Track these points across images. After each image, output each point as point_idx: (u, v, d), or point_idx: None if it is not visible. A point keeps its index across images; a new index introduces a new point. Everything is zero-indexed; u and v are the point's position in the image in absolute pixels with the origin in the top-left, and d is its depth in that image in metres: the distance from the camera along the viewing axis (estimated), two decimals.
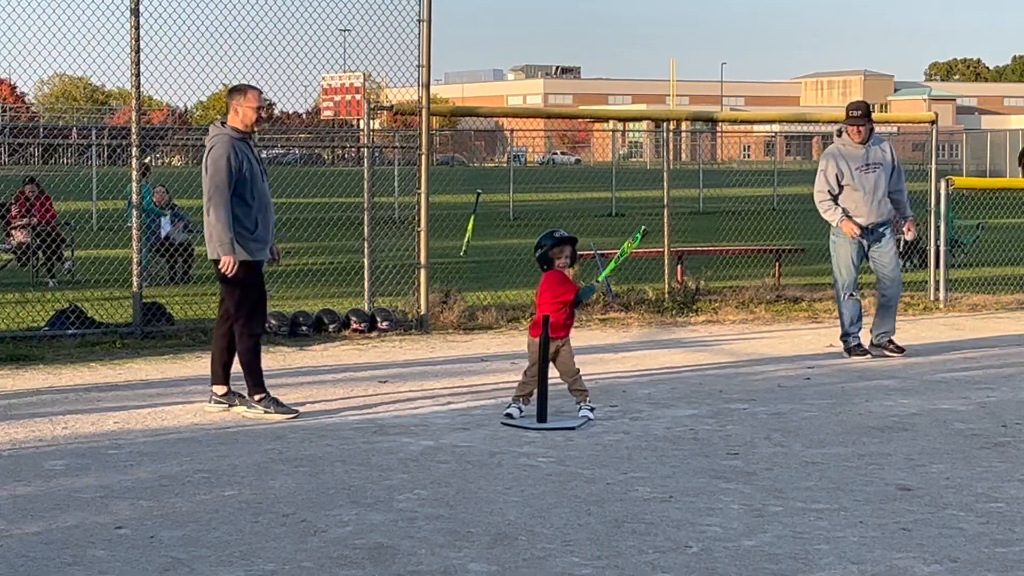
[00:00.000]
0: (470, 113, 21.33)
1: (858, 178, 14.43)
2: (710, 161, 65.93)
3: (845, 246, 14.53)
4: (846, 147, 14.57)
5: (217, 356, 11.42)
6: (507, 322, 16.57)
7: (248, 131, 11.29)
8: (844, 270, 14.57)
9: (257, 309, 11.43)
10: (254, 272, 11.30)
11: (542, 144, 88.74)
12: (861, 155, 14.49)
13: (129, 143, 15.73)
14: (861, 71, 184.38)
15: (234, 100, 11.28)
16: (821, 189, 14.56)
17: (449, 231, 26.34)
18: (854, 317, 14.54)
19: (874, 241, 14.58)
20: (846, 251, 14.53)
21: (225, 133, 11.15)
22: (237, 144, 11.09)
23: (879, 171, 14.48)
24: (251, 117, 11.24)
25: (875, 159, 14.50)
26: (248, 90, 11.36)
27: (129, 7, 14.88)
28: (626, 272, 20.50)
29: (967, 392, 12.42)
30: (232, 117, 11.26)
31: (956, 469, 9.36)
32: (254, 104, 11.26)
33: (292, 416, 10.98)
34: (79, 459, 9.57)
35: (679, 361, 14.23)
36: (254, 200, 11.09)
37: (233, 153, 10.99)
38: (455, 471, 9.25)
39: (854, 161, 14.46)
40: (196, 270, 22.30)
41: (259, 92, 11.43)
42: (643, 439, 10.32)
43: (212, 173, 10.93)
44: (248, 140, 11.31)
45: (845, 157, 14.50)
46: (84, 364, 13.78)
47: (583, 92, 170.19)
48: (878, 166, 14.49)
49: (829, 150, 14.80)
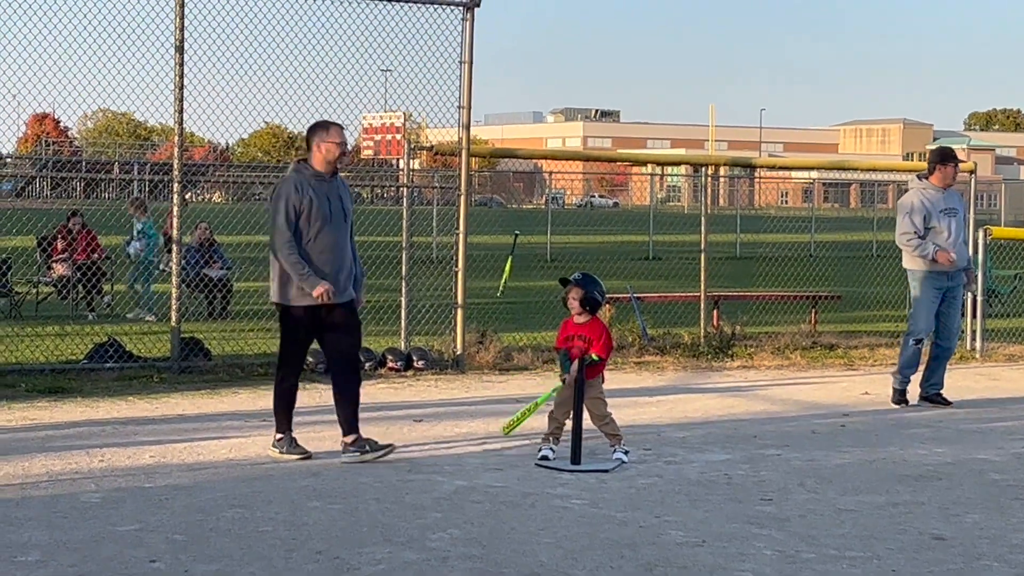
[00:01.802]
0: (509, 154, 21.43)
1: (944, 223, 14.42)
2: (748, 206, 65.88)
3: (929, 289, 14.44)
4: (927, 191, 14.54)
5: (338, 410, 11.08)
6: (543, 363, 16.59)
7: (329, 170, 10.92)
8: (924, 314, 14.45)
9: (294, 355, 11.14)
10: (299, 317, 10.86)
11: (580, 187, 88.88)
12: (942, 199, 14.50)
13: (171, 179, 15.84)
14: (900, 119, 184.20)
15: (316, 137, 10.93)
16: (907, 231, 14.45)
17: (486, 271, 26.41)
18: (912, 361, 14.48)
19: (950, 288, 14.52)
20: (930, 294, 14.43)
21: (294, 172, 10.88)
22: (307, 183, 10.75)
23: (958, 216, 14.51)
24: (334, 153, 10.89)
25: (953, 204, 14.52)
26: (330, 126, 11.04)
27: (174, 44, 15.00)
28: (662, 316, 20.54)
29: (1002, 442, 12.38)
30: (314, 155, 10.93)
31: (991, 519, 9.33)
32: (336, 140, 10.91)
33: (305, 456, 10.88)
34: (115, 492, 9.63)
35: (714, 406, 14.22)
36: (315, 241, 10.74)
37: (295, 192, 10.68)
38: (488, 511, 9.27)
39: (937, 205, 14.45)
40: (234, 306, 22.39)
41: (341, 128, 11.10)
42: (677, 483, 10.32)
43: (272, 216, 10.74)
44: (328, 179, 10.91)
45: (930, 200, 14.48)
46: (121, 398, 13.85)
47: (622, 135, 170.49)
48: (956, 211, 14.52)
49: (910, 195, 14.66)
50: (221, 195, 61.53)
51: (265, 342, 17.56)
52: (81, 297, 22.56)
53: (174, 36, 15.02)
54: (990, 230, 19.87)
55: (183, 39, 15.02)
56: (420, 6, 16.26)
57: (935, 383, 14.62)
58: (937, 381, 14.63)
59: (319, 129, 11.01)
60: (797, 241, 45.52)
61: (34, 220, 30.46)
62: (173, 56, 15.05)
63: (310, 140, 10.97)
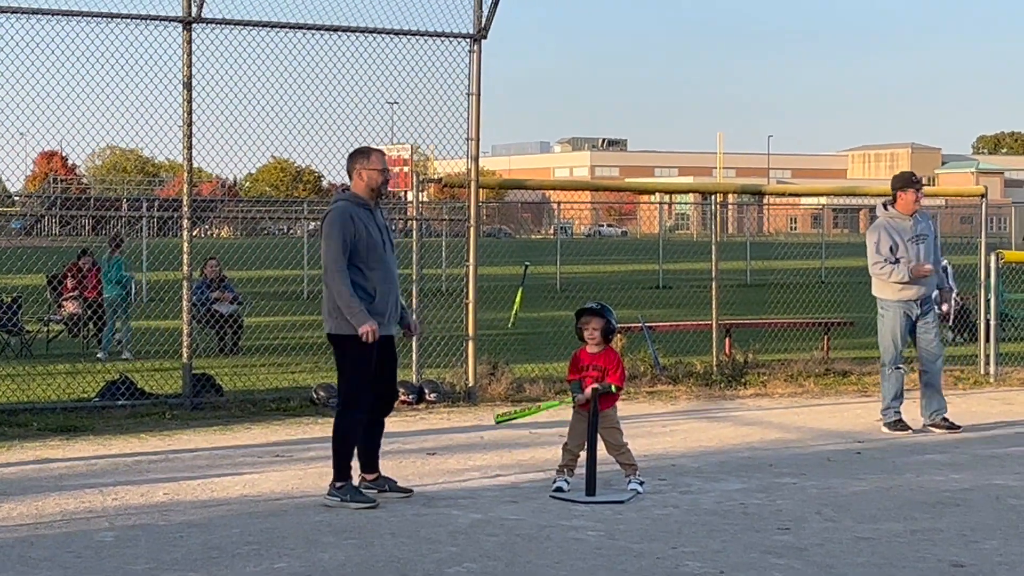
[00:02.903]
0: (518, 186, 21.47)
1: (911, 250, 14.42)
2: (757, 233, 65.88)
3: (895, 319, 14.50)
4: (894, 219, 14.57)
5: (360, 444, 10.79)
6: (555, 394, 16.52)
7: (373, 197, 10.72)
8: (892, 342, 14.52)
9: (365, 389, 10.67)
10: (366, 347, 10.56)
11: (589, 216, 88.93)
12: (909, 226, 14.51)
13: (180, 215, 15.84)
14: (908, 144, 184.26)
15: (357, 164, 10.70)
16: (876, 260, 14.52)
17: (497, 303, 26.38)
18: (898, 391, 14.48)
19: (921, 316, 14.54)
20: (896, 324, 14.50)
21: (342, 200, 10.67)
22: (356, 211, 10.55)
23: (927, 242, 14.49)
24: (377, 180, 10.68)
25: (922, 231, 14.52)
26: (371, 152, 10.85)
27: (182, 81, 15.03)
28: (674, 345, 20.50)
29: (1019, 467, 12.32)
30: (356, 183, 10.70)
31: (1010, 546, 9.27)
32: (379, 166, 10.70)
33: (373, 506, 10.40)
34: (129, 530, 9.59)
35: (728, 434, 14.17)
36: (372, 271, 10.56)
37: (349, 221, 10.47)
38: (504, 544, 9.23)
39: (904, 233, 14.47)
40: (245, 341, 22.39)
41: (383, 154, 10.89)
42: (692, 513, 10.27)
43: (326, 247, 10.50)
44: (372, 207, 10.71)
45: (896, 229, 14.50)
46: (134, 435, 13.82)
47: (629, 164, 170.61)
48: (925, 237, 14.50)
49: (877, 223, 14.78)
50: (229, 230, 61.65)
51: (276, 377, 17.58)
52: (92, 335, 22.56)
53: (182, 72, 15.05)
54: (1002, 254, 19.84)
55: (191, 75, 15.05)
56: (427, 39, 16.29)
57: (937, 409, 14.56)
58: (939, 407, 14.57)
59: (359, 156, 10.81)
60: (808, 267, 45.48)
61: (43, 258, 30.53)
62: (181, 92, 15.07)
63: (351, 168, 10.75)
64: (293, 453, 12.81)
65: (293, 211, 53.14)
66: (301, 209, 50.46)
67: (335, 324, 10.56)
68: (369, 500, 10.44)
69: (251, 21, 15.47)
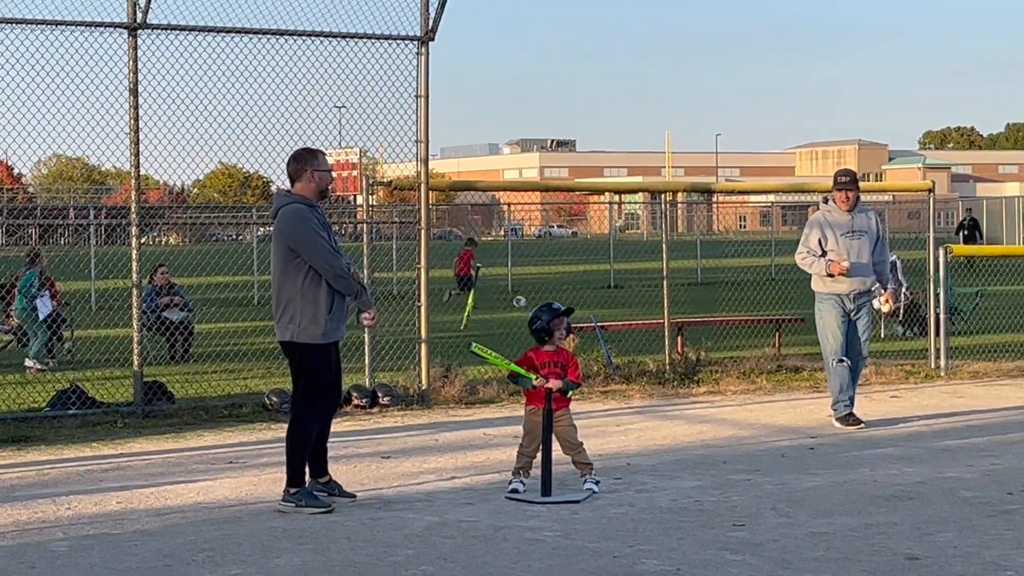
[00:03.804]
0: (468, 187, 21.46)
1: (842, 244, 14.55)
2: (707, 232, 66.08)
3: (830, 312, 14.62)
4: (831, 214, 14.71)
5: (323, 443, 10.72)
6: (508, 395, 16.54)
7: (319, 199, 10.60)
8: (831, 336, 14.62)
9: (321, 397, 10.60)
10: (326, 355, 10.57)
11: (538, 217, 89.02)
12: (846, 222, 14.61)
13: (128, 222, 15.76)
14: (855, 140, 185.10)
15: (307, 166, 10.53)
16: (801, 251, 14.72)
17: (449, 305, 26.38)
18: (844, 384, 14.52)
19: (855, 311, 14.63)
20: (831, 317, 14.61)
21: (294, 203, 10.47)
22: (311, 213, 10.44)
23: (864, 238, 14.58)
24: (327, 181, 10.60)
25: (860, 227, 14.61)
26: (318, 154, 10.68)
27: (128, 87, 14.95)
28: (626, 344, 20.52)
29: (972, 460, 12.38)
30: (303, 186, 10.53)
31: (964, 538, 9.32)
32: (327, 167, 10.60)
33: (328, 511, 10.31)
34: (83, 540, 9.53)
35: (682, 432, 14.20)
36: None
37: (316, 221, 10.37)
38: (460, 546, 9.21)
39: (839, 228, 14.59)
40: (196, 348, 22.29)
41: (325, 154, 10.76)
42: (648, 511, 10.28)
43: (310, 248, 10.30)
44: (318, 208, 10.60)
45: (830, 224, 14.65)
46: (86, 444, 13.74)
47: (579, 165, 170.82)
48: (863, 233, 14.58)
49: (814, 217, 14.97)
50: (178, 237, 61.39)
51: (228, 384, 17.49)
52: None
53: (128, 79, 14.97)
54: (951, 248, 19.94)
55: (137, 82, 14.96)
56: (374, 42, 16.25)
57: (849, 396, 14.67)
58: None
59: (309, 157, 10.65)
60: (758, 265, 45.66)
61: None
62: (128, 99, 14.99)
63: (301, 170, 10.56)
64: (246, 459, 12.76)
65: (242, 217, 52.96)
66: (250, 215, 50.31)
67: (296, 332, 10.46)
68: (324, 505, 10.38)
69: (197, 26, 15.39)
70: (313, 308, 10.42)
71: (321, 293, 10.42)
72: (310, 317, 10.42)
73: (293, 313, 10.44)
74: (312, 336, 10.42)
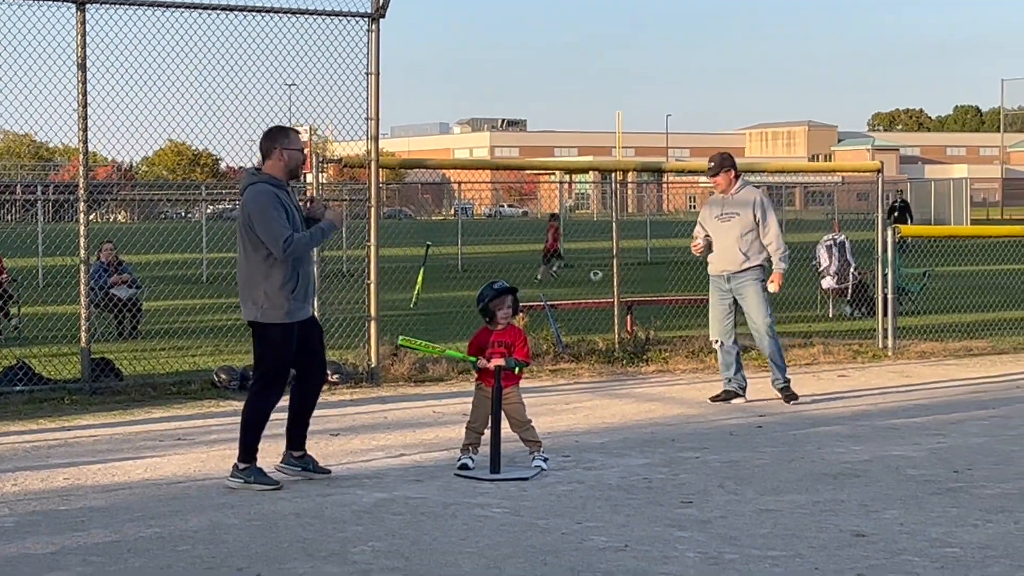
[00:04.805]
0: (419, 165, 21.33)
1: (711, 226, 14.88)
2: (657, 212, 66.15)
3: (712, 293, 15.06)
4: (713, 197, 15.09)
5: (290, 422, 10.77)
6: (458, 374, 16.54)
7: (289, 178, 10.51)
8: (710, 317, 15.06)
9: (284, 373, 10.61)
10: (291, 334, 10.52)
11: (489, 197, 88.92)
12: (720, 205, 14.85)
13: (75, 199, 15.65)
14: (805, 122, 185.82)
15: (277, 144, 10.41)
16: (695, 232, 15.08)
17: (399, 284, 26.33)
18: (723, 364, 14.92)
19: (733, 290, 14.80)
20: (713, 298, 15.04)
21: (261, 181, 10.35)
22: (279, 192, 10.33)
23: (733, 219, 14.71)
24: (298, 160, 10.44)
25: (730, 209, 14.76)
26: (290, 132, 10.53)
27: (76, 62, 14.83)
28: (576, 323, 20.55)
29: (918, 438, 12.47)
30: (272, 164, 10.43)
31: (910, 515, 9.39)
32: (299, 146, 10.47)
33: (276, 488, 10.30)
34: (29, 516, 9.48)
35: (631, 411, 14.23)
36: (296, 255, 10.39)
37: (277, 201, 10.24)
38: (409, 523, 9.22)
39: (714, 211, 14.92)
40: (144, 325, 22.18)
41: (299, 133, 10.63)
42: (597, 488, 10.30)
43: (266, 224, 10.16)
44: (287, 188, 10.50)
45: (712, 205, 15.01)
46: (32, 420, 13.66)
47: (529, 144, 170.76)
48: (734, 215, 14.73)
49: (712, 198, 15.10)
50: (126, 214, 61.07)
51: (177, 361, 17.42)
52: None
53: (76, 54, 14.84)
54: (898, 228, 20.04)
55: (85, 57, 14.85)
56: (324, 18, 16.17)
57: (775, 378, 14.88)
58: (776, 377, 14.88)
59: (279, 135, 10.51)
60: None
61: None
62: (76, 75, 14.87)
63: (271, 148, 10.45)
64: (195, 436, 12.72)
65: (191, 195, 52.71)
66: (199, 192, 50.09)
67: (259, 312, 10.41)
68: (273, 482, 10.36)
69: (145, 1, 15.27)
70: (277, 287, 10.36)
71: (285, 272, 10.35)
72: (273, 296, 10.36)
73: (256, 292, 10.38)
74: (275, 316, 10.39)
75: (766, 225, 14.67)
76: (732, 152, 15.75)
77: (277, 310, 10.38)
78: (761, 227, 14.67)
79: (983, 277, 29.92)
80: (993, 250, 27.59)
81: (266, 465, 10.60)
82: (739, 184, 14.85)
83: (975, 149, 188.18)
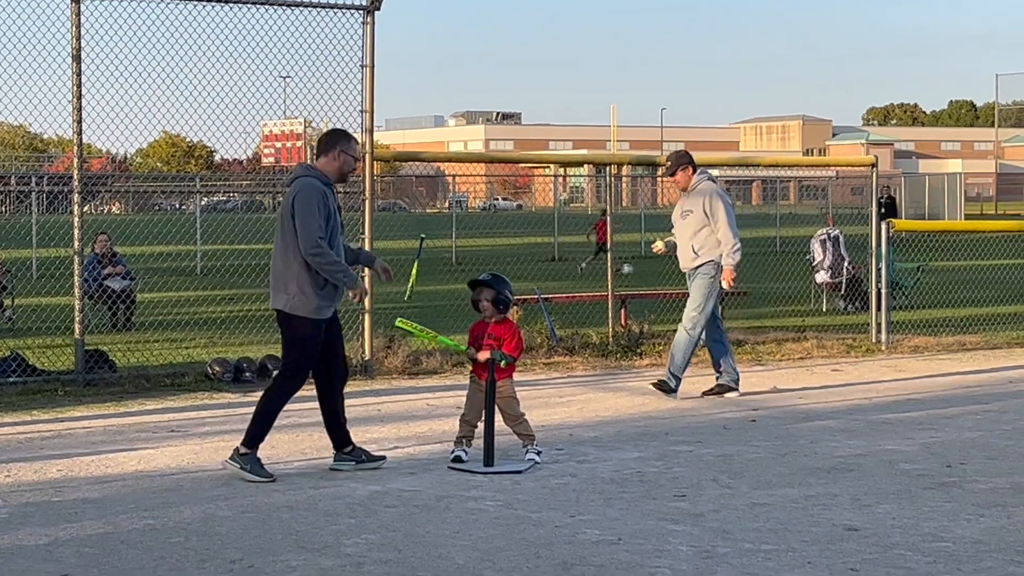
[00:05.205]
0: (414, 158, 21.38)
1: (676, 224, 15.02)
2: (651, 205, 66.15)
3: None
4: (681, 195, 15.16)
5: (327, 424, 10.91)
6: (452, 367, 16.55)
7: (338, 180, 10.65)
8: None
9: (309, 366, 10.69)
10: (318, 331, 10.58)
11: (483, 190, 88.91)
12: (683, 200, 14.98)
13: (70, 190, 15.64)
14: (799, 116, 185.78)
15: (339, 145, 10.60)
16: None
17: (393, 276, 26.30)
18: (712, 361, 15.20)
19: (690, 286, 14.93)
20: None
21: (311, 176, 10.47)
22: (325, 190, 10.43)
23: (689, 217, 14.78)
24: (351, 166, 10.65)
25: (689, 205, 14.81)
26: (351, 138, 10.71)
27: (71, 53, 14.81)
28: (570, 316, 20.55)
29: (911, 433, 12.48)
30: (327, 162, 10.57)
31: (902, 509, 9.40)
32: (357, 154, 10.67)
33: (270, 480, 10.31)
34: (23, 507, 9.48)
35: (624, 404, 14.24)
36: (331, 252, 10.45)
37: (323, 199, 10.33)
38: (403, 515, 9.23)
39: (680, 207, 15.03)
40: (138, 317, 22.17)
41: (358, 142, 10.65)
42: (590, 482, 10.31)
43: (305, 222, 10.24)
44: (334, 190, 10.61)
45: (680, 203, 15.09)
46: (26, 412, 13.66)
47: (524, 138, 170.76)
48: (689, 213, 14.77)
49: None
50: (120, 206, 61.03)
51: (170, 353, 17.43)
52: None
53: (71, 45, 14.83)
54: (892, 223, 20.03)
55: (80, 48, 14.83)
56: (319, 11, 16.16)
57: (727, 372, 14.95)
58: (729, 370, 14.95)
59: (342, 138, 10.70)
60: None
61: None
62: (71, 66, 14.85)
63: (330, 147, 10.60)
64: (188, 428, 12.72)
65: (185, 186, 52.70)
66: (193, 184, 50.07)
67: (290, 303, 10.46)
68: (267, 475, 10.36)
69: None
70: (308, 281, 10.43)
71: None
72: (304, 289, 10.43)
73: (288, 282, 10.44)
74: (303, 310, 10.46)
75: (715, 220, 14.61)
76: (727, 146, 15.79)
77: (306, 305, 10.46)
78: (712, 222, 14.64)
79: (977, 272, 29.97)
80: (987, 245, 27.67)
81: (272, 457, 10.62)
82: (696, 179, 14.84)
83: (970, 144, 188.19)
